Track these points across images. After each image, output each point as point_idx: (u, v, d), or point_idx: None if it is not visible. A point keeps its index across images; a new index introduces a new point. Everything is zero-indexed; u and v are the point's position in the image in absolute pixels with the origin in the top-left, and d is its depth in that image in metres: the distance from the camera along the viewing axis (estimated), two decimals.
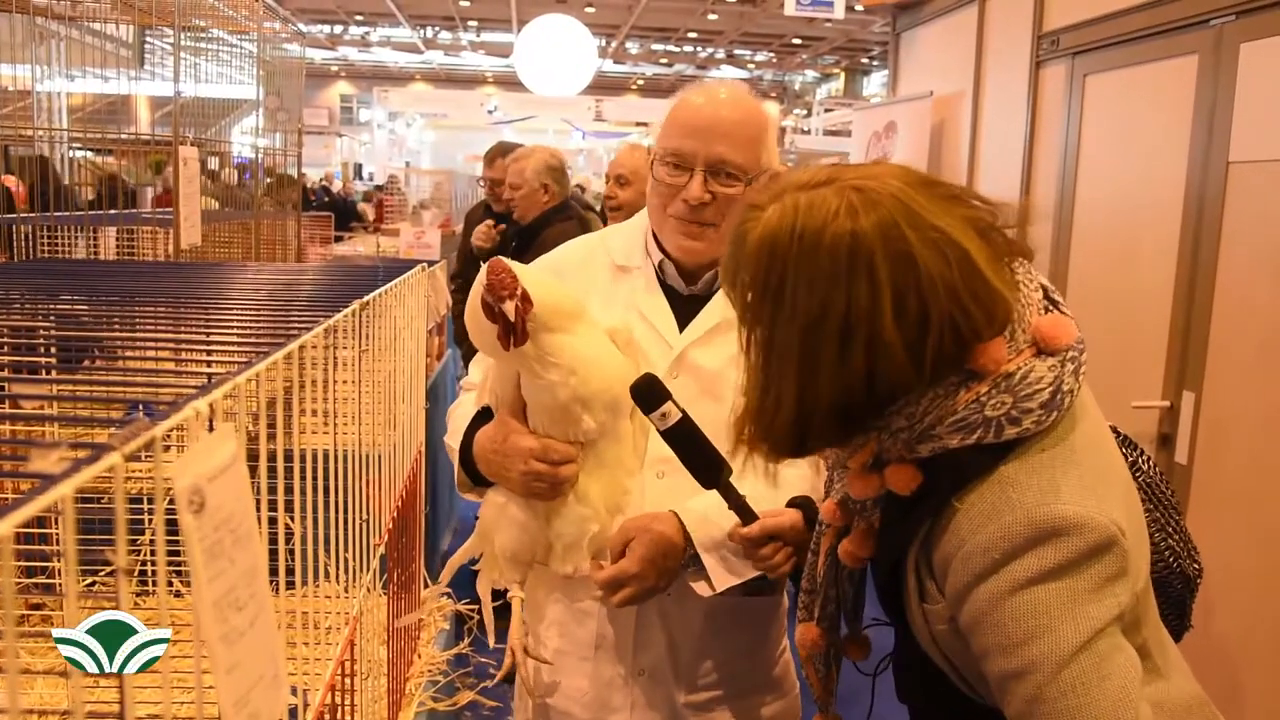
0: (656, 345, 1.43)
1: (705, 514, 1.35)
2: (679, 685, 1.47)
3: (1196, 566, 1.24)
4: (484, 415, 1.42)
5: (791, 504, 1.33)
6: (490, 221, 3.91)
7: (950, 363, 0.95)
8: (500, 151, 4.45)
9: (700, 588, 1.36)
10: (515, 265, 1.27)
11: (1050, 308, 1.02)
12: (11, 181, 3.82)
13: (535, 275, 1.29)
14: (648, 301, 1.48)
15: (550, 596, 1.50)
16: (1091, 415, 1.03)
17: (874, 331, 0.91)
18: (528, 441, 1.30)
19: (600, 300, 1.45)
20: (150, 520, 1.40)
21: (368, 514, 1.21)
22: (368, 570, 1.21)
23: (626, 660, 1.46)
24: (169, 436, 0.54)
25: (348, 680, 1.08)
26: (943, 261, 0.91)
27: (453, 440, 1.45)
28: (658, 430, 1.28)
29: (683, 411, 1.26)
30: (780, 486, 1.35)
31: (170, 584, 1.30)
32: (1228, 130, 2.63)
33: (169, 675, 0.53)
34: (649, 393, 1.27)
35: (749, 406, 1.01)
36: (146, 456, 0.51)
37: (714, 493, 1.34)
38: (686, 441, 1.27)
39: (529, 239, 3.65)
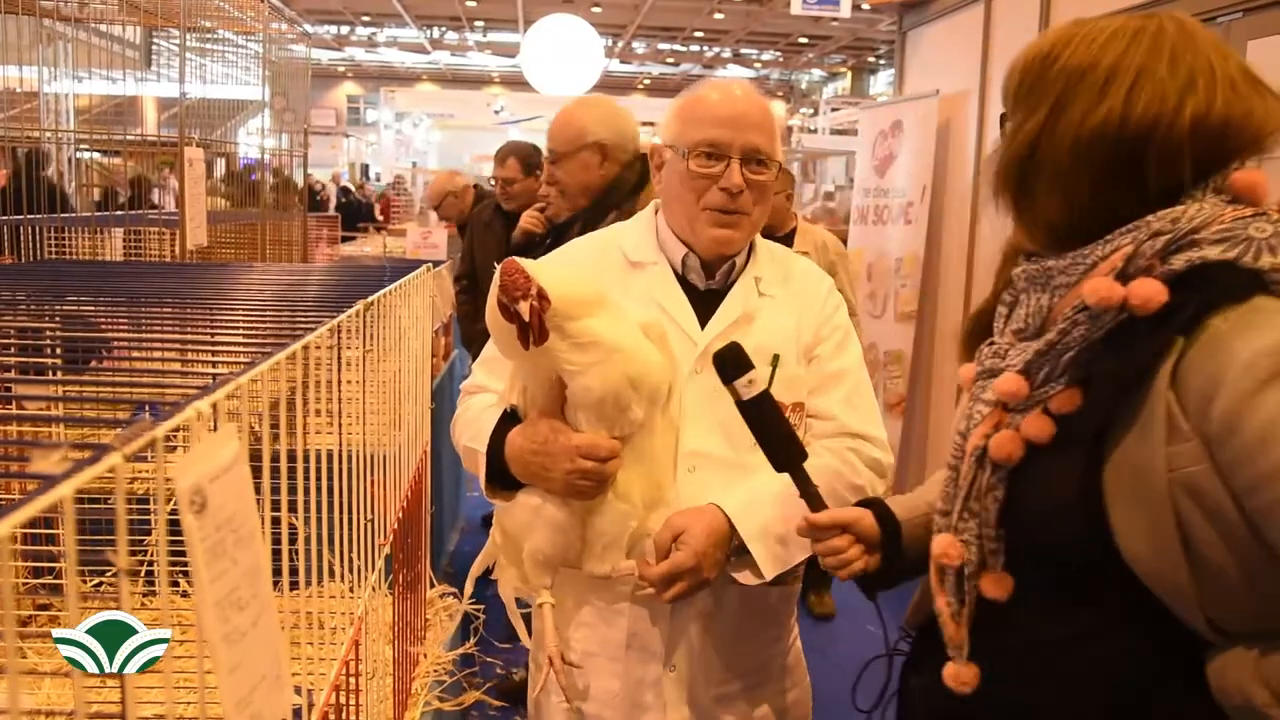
0: (680, 341, 1.42)
1: (747, 505, 1.35)
2: (709, 678, 1.47)
3: None
4: (506, 420, 1.41)
5: (860, 505, 1.30)
6: (540, 206, 3.88)
7: (1235, 137, 0.98)
8: (511, 151, 4.45)
9: (744, 577, 1.37)
10: (528, 263, 1.26)
11: None
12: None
13: (551, 270, 1.28)
14: (668, 297, 1.47)
15: (579, 599, 1.48)
16: None
17: (1157, 78, 0.97)
18: (574, 439, 1.30)
19: (616, 296, 1.44)
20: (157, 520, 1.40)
21: (373, 514, 1.21)
22: (373, 570, 1.21)
23: (658, 657, 1.46)
24: (172, 437, 0.54)
25: (353, 680, 1.09)
26: (1226, 60, 0.99)
27: (476, 444, 1.43)
28: (736, 401, 1.24)
29: (768, 384, 1.24)
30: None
31: (175, 584, 1.30)
32: None
33: (172, 675, 0.53)
34: (733, 360, 1.24)
35: (1016, 151, 1.09)
36: (151, 457, 0.51)
37: (750, 484, 1.34)
38: (768, 414, 1.24)
39: (561, 236, 3.65)
